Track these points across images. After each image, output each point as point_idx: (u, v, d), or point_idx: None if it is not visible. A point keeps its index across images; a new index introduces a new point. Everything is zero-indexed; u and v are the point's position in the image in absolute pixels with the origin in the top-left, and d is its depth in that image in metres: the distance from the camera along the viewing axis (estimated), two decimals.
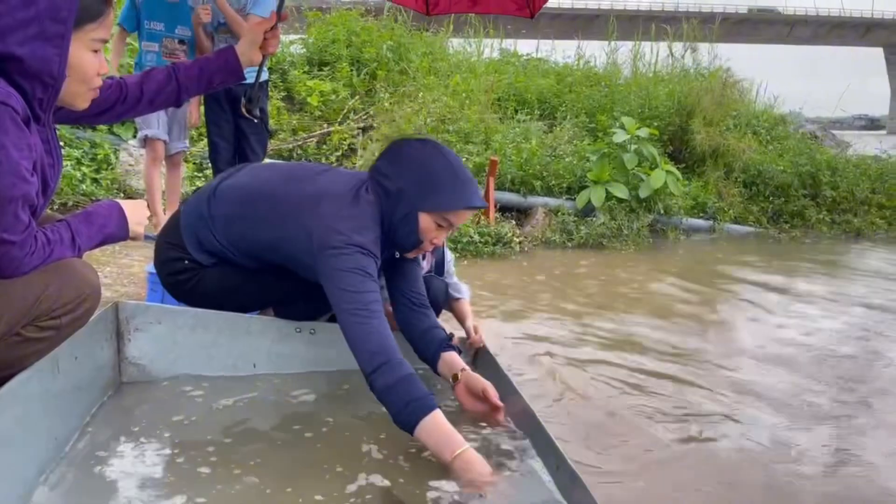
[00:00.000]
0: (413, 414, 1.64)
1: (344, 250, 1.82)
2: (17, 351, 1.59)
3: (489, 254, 5.40)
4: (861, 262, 6.36)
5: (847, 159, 8.54)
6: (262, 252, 2.06)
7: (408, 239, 1.97)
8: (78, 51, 1.55)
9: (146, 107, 1.96)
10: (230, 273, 2.12)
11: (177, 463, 1.57)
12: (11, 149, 1.42)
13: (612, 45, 10.56)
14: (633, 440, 2.33)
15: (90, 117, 1.86)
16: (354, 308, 1.76)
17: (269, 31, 2.05)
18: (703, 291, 4.76)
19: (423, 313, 2.12)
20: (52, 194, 1.71)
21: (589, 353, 3.24)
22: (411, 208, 1.93)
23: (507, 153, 6.86)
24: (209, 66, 1.99)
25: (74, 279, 1.66)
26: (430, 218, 1.94)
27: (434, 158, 1.96)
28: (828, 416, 2.66)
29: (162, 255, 2.17)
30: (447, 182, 1.93)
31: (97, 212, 1.76)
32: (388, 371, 1.68)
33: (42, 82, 1.49)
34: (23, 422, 1.39)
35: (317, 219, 1.91)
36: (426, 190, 1.92)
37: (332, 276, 1.81)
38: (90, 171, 5.32)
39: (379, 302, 1.80)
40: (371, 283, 1.80)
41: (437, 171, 1.94)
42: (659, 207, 6.73)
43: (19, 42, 1.43)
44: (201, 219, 2.11)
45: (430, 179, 1.93)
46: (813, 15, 61.02)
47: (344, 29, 8.52)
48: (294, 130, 7.12)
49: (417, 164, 1.95)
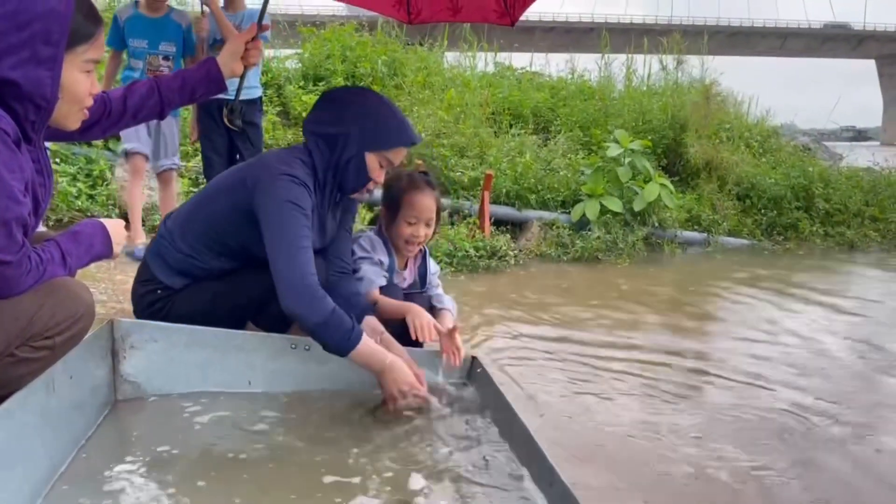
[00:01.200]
0: (349, 343, 1.90)
1: (277, 181, 1.96)
2: (11, 371, 1.60)
3: (484, 267, 5.41)
4: (855, 273, 6.39)
5: (840, 171, 8.59)
6: (211, 232, 2.13)
7: (357, 180, 2.14)
8: (70, 72, 1.56)
9: (130, 120, 1.98)
10: (198, 290, 2.18)
11: (173, 482, 1.57)
12: (4, 172, 1.43)
13: (605, 59, 10.63)
14: (628, 456, 2.34)
15: (77, 134, 1.85)
16: (283, 240, 1.91)
17: (251, 41, 2.06)
18: (701, 303, 4.78)
19: (346, 279, 2.28)
20: (44, 213, 1.72)
21: (583, 368, 3.24)
22: (358, 149, 2.09)
23: (501, 167, 6.89)
24: (191, 77, 2.01)
25: (68, 298, 1.67)
26: (375, 157, 2.12)
27: (373, 102, 2.15)
28: (822, 430, 2.67)
29: (136, 296, 2.25)
30: (389, 123, 2.12)
31: (83, 231, 1.77)
32: (317, 307, 1.87)
33: (35, 105, 1.50)
34: (18, 442, 1.39)
35: (250, 167, 2.11)
36: (371, 132, 2.09)
37: (266, 207, 1.95)
38: (86, 188, 5.32)
39: (307, 237, 1.94)
40: (302, 216, 1.95)
41: (379, 114, 2.12)
42: (653, 220, 6.76)
43: (12, 66, 1.44)
44: (161, 239, 2.22)
45: (374, 122, 2.10)
46: (805, 27, 61.52)
47: (339, 44, 8.56)
48: (289, 145, 7.14)
49: (358, 108, 2.12)
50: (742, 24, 59.64)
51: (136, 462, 1.65)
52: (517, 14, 2.77)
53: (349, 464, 1.73)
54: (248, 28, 2.13)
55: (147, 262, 2.22)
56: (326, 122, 2.11)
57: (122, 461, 1.65)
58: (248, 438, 1.84)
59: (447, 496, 1.61)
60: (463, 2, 2.81)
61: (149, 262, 2.22)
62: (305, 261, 1.90)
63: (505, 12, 2.76)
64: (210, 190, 2.24)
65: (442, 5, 2.87)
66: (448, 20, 3.05)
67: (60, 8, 1.48)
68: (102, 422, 1.86)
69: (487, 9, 2.80)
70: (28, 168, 1.54)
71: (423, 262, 2.63)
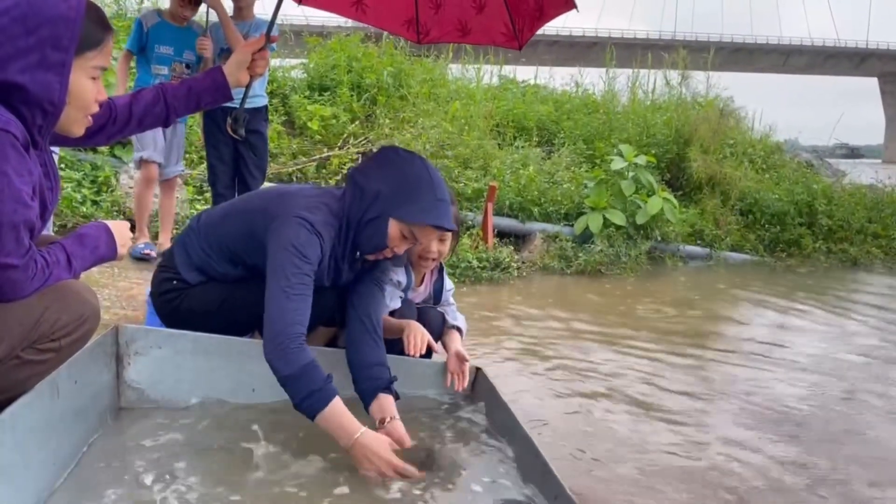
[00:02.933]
0: (314, 404, 1.73)
1: (289, 223, 1.88)
2: (16, 374, 1.59)
3: (487, 279, 5.41)
4: (857, 291, 6.37)
5: (843, 188, 8.59)
6: (232, 244, 2.12)
7: (371, 240, 2.00)
8: (78, 78, 1.56)
9: (135, 127, 1.97)
10: (212, 290, 2.17)
11: (175, 489, 1.57)
12: (13, 175, 1.43)
13: (610, 73, 10.66)
14: (632, 470, 2.33)
15: (81, 139, 1.84)
16: (276, 284, 1.81)
17: (258, 52, 2.05)
18: (703, 317, 4.77)
19: (372, 343, 2.07)
20: (50, 217, 1.73)
21: (586, 382, 3.24)
22: (383, 212, 1.96)
23: (505, 179, 6.91)
24: (197, 86, 2.00)
25: (73, 301, 1.67)
26: (398, 226, 1.97)
27: (418, 170, 2.00)
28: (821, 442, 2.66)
29: (156, 279, 2.26)
30: (425, 196, 1.96)
31: (88, 234, 1.77)
32: (288, 358, 1.74)
33: (42, 109, 1.51)
34: (22, 446, 1.39)
35: (279, 199, 2.02)
36: (402, 198, 1.95)
37: (272, 247, 1.88)
38: (90, 193, 5.33)
39: (305, 284, 1.84)
40: (304, 263, 1.84)
41: (417, 183, 1.97)
42: (656, 234, 6.77)
43: (20, 70, 1.45)
44: (191, 231, 2.22)
45: (409, 189, 1.96)
46: (808, 45, 61.73)
47: (344, 54, 8.59)
48: (294, 154, 7.16)
49: (401, 171, 1.99)
50: (745, 41, 59.89)
51: (139, 469, 1.65)
52: (525, 38, 2.79)
53: (353, 475, 1.72)
54: (255, 38, 2.13)
55: (174, 249, 2.25)
56: (367, 174, 2.02)
57: (125, 467, 1.65)
58: (250, 447, 1.83)
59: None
60: (472, 24, 2.84)
61: (174, 251, 2.24)
62: (293, 309, 1.79)
63: (513, 36, 2.79)
64: (242, 204, 2.20)
65: (451, 26, 2.90)
66: (456, 41, 3.07)
67: (71, 14, 1.49)
68: (105, 428, 1.85)
69: (496, 32, 2.83)
70: (36, 172, 1.55)
71: (439, 277, 2.62)
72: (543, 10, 2.63)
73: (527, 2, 2.65)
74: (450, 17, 2.87)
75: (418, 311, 2.44)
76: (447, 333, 2.47)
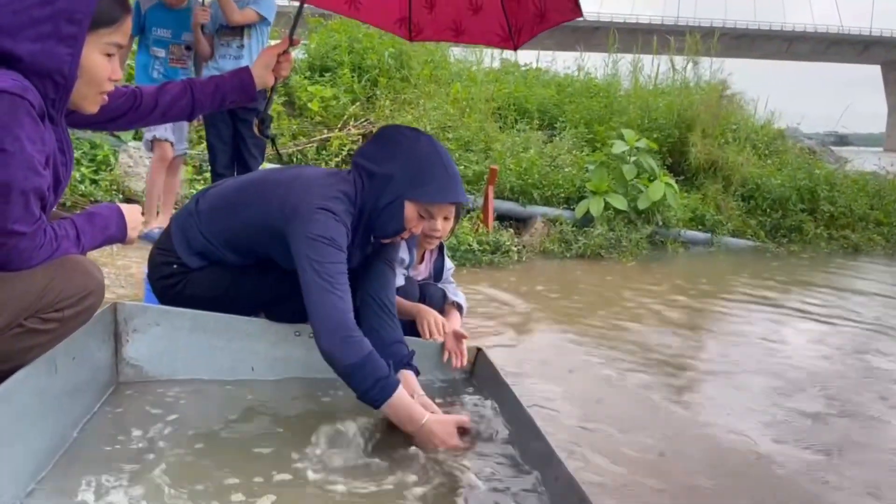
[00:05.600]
0: (381, 393, 1.75)
1: (315, 215, 1.86)
2: (18, 343, 1.59)
3: (487, 262, 5.40)
4: (858, 278, 6.36)
5: (846, 175, 8.56)
6: (241, 236, 2.08)
7: (389, 225, 2.00)
8: (90, 53, 1.58)
9: (158, 118, 2.01)
10: (216, 275, 2.14)
11: (171, 466, 1.56)
12: (26, 141, 1.45)
13: (612, 57, 10.59)
14: (633, 451, 2.32)
15: (102, 123, 1.91)
16: (319, 278, 1.78)
17: (282, 54, 2.12)
18: (704, 303, 4.76)
19: (389, 323, 2.09)
20: (63, 192, 1.74)
21: (583, 364, 3.23)
22: (398, 195, 1.96)
23: (506, 162, 6.87)
24: (224, 84, 2.05)
25: (79, 274, 1.67)
26: (415, 208, 1.99)
27: (426, 148, 2.00)
28: (817, 431, 2.65)
29: (153, 262, 2.21)
30: (438, 174, 1.97)
31: (99, 213, 1.79)
32: (352, 348, 1.75)
33: (53, 81, 1.52)
34: (20, 421, 1.38)
35: (290, 189, 1.96)
36: (417, 180, 1.96)
37: (301, 241, 1.84)
38: (89, 172, 5.30)
39: (344, 274, 1.82)
40: (339, 253, 1.83)
41: (429, 162, 1.98)
42: (657, 219, 6.74)
43: (32, 39, 1.46)
44: (190, 216, 2.16)
45: (421, 169, 1.96)
46: (812, 31, 61.42)
47: (346, 35, 8.52)
48: (294, 135, 7.12)
49: (410, 152, 1.98)
50: (748, 27, 59.56)
51: (135, 446, 1.64)
52: (521, 41, 2.76)
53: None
54: (265, 14, 2.17)
55: (171, 232, 2.18)
56: (374, 158, 2.00)
57: (121, 444, 1.64)
58: (248, 425, 1.83)
59: (450, 488, 1.59)
60: (467, 24, 2.81)
61: (172, 234, 2.17)
62: (342, 299, 1.79)
63: (509, 38, 2.76)
64: (248, 191, 2.11)
65: (444, 25, 2.87)
66: (450, 40, 3.05)
67: None
68: (103, 404, 1.84)
69: (491, 32, 2.80)
70: (50, 142, 1.56)
71: (439, 256, 2.62)
72: (546, 16, 2.57)
73: (526, 6, 2.61)
74: (444, 16, 2.84)
75: (421, 287, 2.44)
76: (447, 311, 2.48)
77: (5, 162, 1.42)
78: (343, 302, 1.79)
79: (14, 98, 1.42)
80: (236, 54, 4.29)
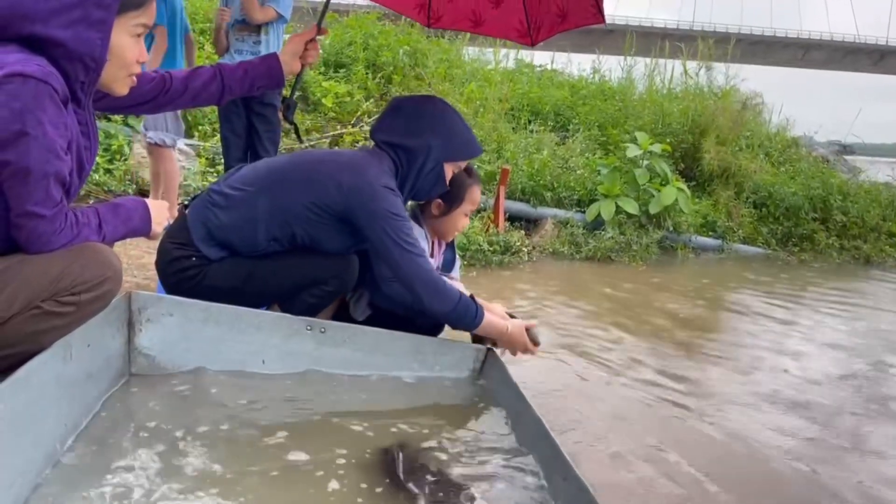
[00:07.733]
0: (475, 320, 2.13)
1: (379, 192, 2.04)
2: (35, 325, 1.60)
3: (497, 262, 5.40)
4: (870, 289, 6.33)
5: (859, 185, 8.51)
6: (287, 219, 2.12)
7: (434, 189, 2.27)
8: (119, 36, 1.61)
9: (188, 101, 2.05)
10: (237, 266, 2.15)
11: (181, 456, 1.56)
12: (48, 126, 1.46)
13: (628, 61, 10.56)
14: (642, 453, 2.32)
15: (131, 107, 1.96)
16: (403, 249, 2.03)
17: (309, 42, 2.16)
18: (713, 309, 4.75)
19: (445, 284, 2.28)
20: (87, 177, 1.76)
21: (592, 367, 3.23)
22: (437, 161, 2.20)
23: (518, 163, 6.87)
24: (253, 70, 2.10)
25: (98, 259, 1.68)
26: (451, 168, 2.26)
27: (449, 114, 2.26)
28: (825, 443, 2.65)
29: (167, 256, 2.19)
30: (466, 135, 2.25)
31: (124, 205, 1.80)
32: (448, 296, 2.07)
33: (84, 65, 1.54)
34: (34, 406, 1.39)
35: (340, 169, 2.09)
36: (451, 143, 2.21)
37: (373, 218, 2.03)
38: (103, 162, 5.33)
39: (418, 241, 2.10)
40: (408, 223, 2.09)
41: (453, 123, 2.24)
42: (668, 224, 6.72)
43: (63, 25, 1.48)
44: (209, 207, 2.16)
45: (451, 132, 2.22)
46: (828, 39, 61.01)
47: (361, 32, 8.54)
48: (307, 130, 7.14)
49: (439, 121, 2.21)
50: (764, 33, 59.18)
51: (147, 435, 1.65)
52: (539, 38, 2.76)
53: (356, 449, 1.71)
54: (283, 13, 2.21)
55: (187, 225, 2.17)
56: (402, 132, 2.19)
57: (132, 433, 1.64)
58: (258, 418, 1.83)
59: (457, 489, 1.59)
60: (486, 16, 2.83)
61: (189, 226, 2.16)
62: (424, 262, 2.07)
63: (527, 33, 2.77)
64: (281, 174, 2.16)
65: (463, 14, 2.88)
66: (468, 30, 3.09)
67: None
68: (115, 393, 1.85)
69: (510, 26, 2.81)
70: (73, 127, 1.57)
71: (448, 248, 2.64)
72: (567, 17, 2.59)
73: (548, 5, 2.62)
74: (464, 6, 2.85)
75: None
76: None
77: (27, 144, 1.44)
78: (427, 262, 2.08)
79: (38, 83, 1.43)
80: (252, 50, 4.30)
